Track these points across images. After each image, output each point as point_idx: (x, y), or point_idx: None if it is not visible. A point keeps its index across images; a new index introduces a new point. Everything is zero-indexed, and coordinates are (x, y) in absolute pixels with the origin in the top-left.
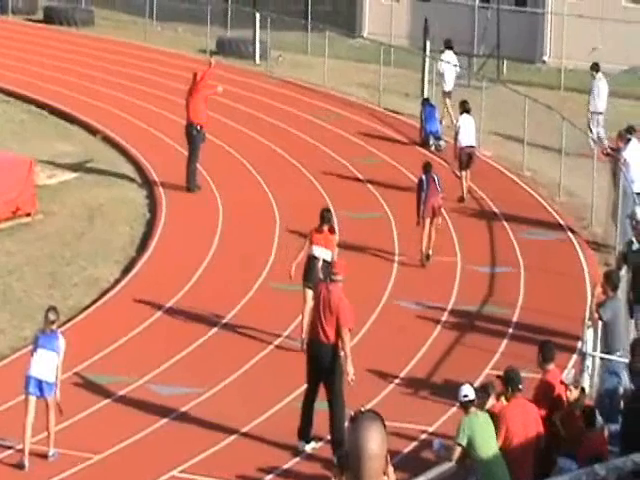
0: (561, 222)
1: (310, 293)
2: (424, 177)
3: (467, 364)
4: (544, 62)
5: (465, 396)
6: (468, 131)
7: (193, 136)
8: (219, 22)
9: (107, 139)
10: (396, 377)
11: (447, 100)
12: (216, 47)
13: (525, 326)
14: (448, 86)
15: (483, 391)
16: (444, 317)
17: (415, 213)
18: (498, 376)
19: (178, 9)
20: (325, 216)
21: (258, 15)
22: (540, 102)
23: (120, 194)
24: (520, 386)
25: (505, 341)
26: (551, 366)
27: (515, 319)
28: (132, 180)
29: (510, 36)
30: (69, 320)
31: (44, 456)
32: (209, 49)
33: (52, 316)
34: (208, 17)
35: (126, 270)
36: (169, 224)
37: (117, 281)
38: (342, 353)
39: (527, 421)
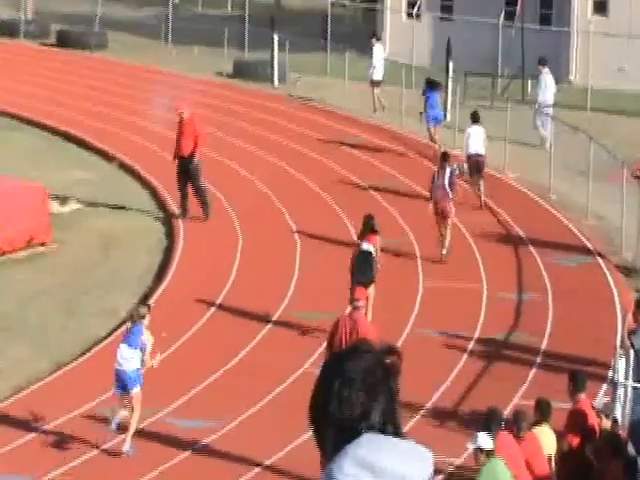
0: (589, 246)
1: (358, 289)
2: (437, 171)
3: (495, 394)
4: (570, 82)
5: (478, 447)
6: (476, 140)
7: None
8: (236, 44)
9: (123, 166)
10: (422, 408)
11: (376, 90)
12: (233, 70)
13: (554, 355)
14: (377, 75)
15: (517, 420)
16: (470, 346)
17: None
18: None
19: (194, 31)
20: (368, 223)
21: (276, 37)
22: (566, 123)
23: (136, 222)
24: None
25: (534, 370)
26: (582, 396)
27: (544, 347)
28: (149, 208)
29: (535, 55)
30: (87, 351)
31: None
32: (226, 72)
33: (143, 310)
34: (225, 39)
35: (143, 300)
36: (187, 252)
37: None
38: None
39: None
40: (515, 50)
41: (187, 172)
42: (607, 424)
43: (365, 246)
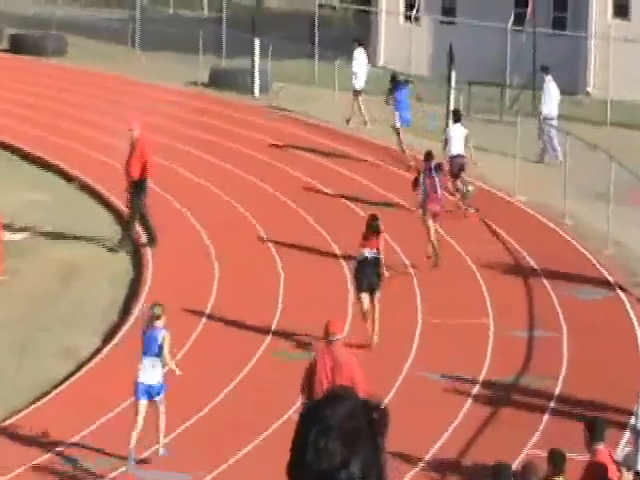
0: (609, 278)
1: (365, 297)
2: (422, 174)
3: (502, 444)
4: (587, 93)
5: None
6: (458, 140)
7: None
8: (212, 50)
9: (84, 186)
10: (421, 459)
11: (359, 98)
12: (209, 79)
13: (569, 400)
14: (359, 84)
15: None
16: (475, 390)
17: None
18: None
19: (164, 35)
20: (372, 225)
21: (257, 41)
22: (583, 139)
23: (99, 250)
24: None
25: (546, 417)
26: (601, 446)
27: (558, 391)
28: (113, 233)
29: (547, 63)
30: (43, 396)
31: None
32: (201, 81)
33: (158, 311)
34: (200, 44)
35: (107, 338)
36: (156, 284)
37: (97, 350)
38: None
39: None
40: (525, 57)
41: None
42: (629, 478)
43: (367, 253)
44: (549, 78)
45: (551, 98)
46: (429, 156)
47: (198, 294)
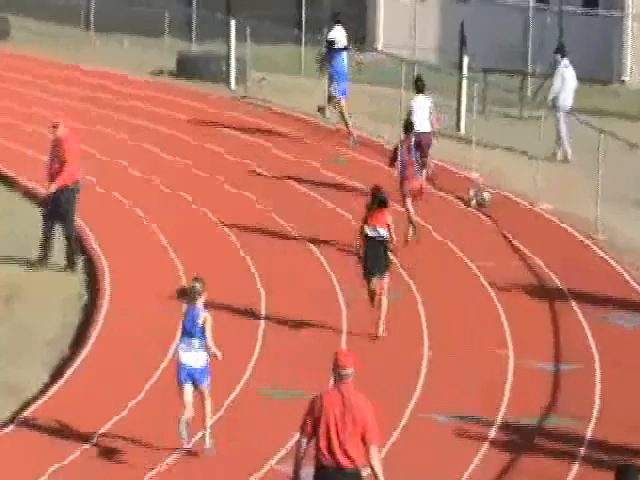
0: None
1: (374, 281)
2: (399, 148)
3: None
4: (623, 82)
5: None
6: (422, 116)
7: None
8: (181, 33)
9: (29, 194)
10: None
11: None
12: (177, 66)
13: (602, 444)
14: None
15: None
16: (492, 433)
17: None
18: None
19: (124, 16)
20: (378, 196)
21: (233, 23)
22: (619, 137)
23: (47, 268)
24: None
25: (576, 466)
26: None
27: (589, 435)
28: (63, 248)
29: (577, 48)
30: None
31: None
32: (167, 69)
33: (199, 286)
34: (165, 26)
35: (56, 373)
36: (114, 308)
37: (44, 388)
38: None
39: None
40: (550, 40)
41: (55, 207)
42: None
43: (374, 230)
44: (565, 62)
45: (565, 86)
46: (409, 127)
47: (167, 316)
